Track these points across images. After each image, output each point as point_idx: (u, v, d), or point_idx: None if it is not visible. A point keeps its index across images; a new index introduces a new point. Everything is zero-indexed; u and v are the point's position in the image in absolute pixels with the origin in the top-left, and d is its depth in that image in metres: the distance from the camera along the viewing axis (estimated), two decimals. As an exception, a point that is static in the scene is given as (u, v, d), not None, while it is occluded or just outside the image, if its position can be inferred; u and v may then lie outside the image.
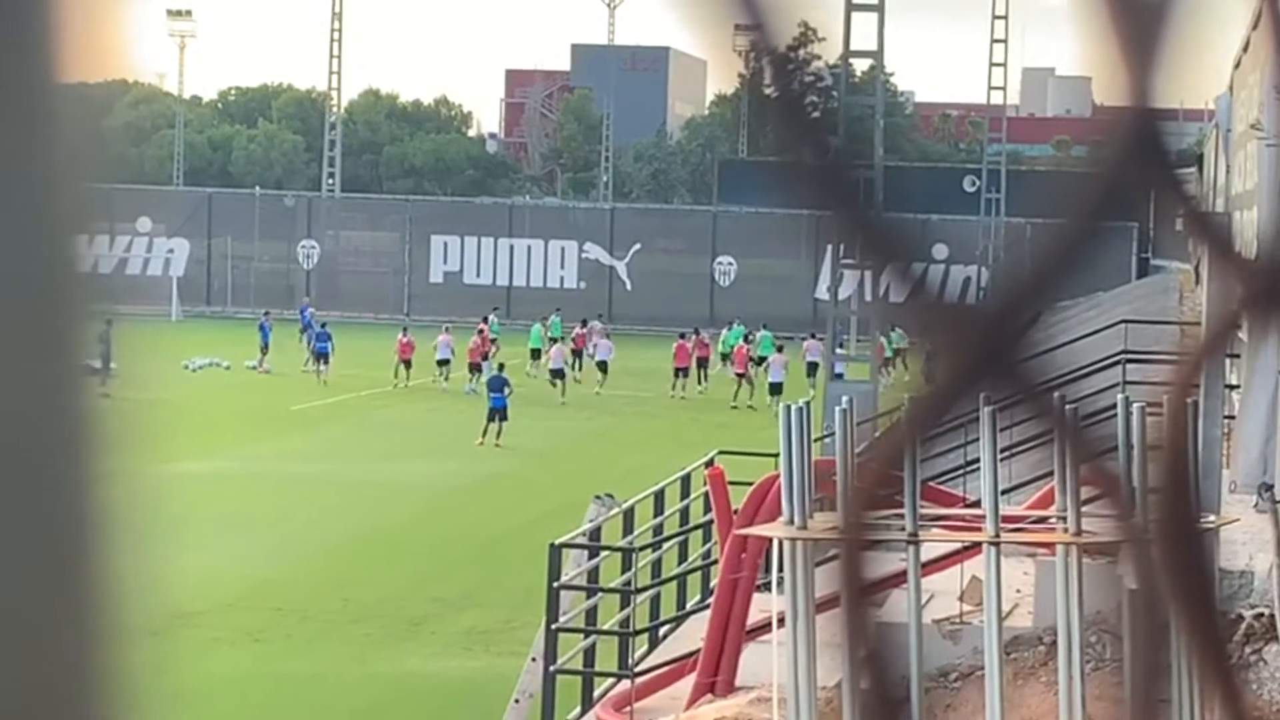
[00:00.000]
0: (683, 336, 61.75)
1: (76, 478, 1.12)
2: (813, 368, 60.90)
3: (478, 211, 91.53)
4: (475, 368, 58.94)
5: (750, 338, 63.81)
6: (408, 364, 58.88)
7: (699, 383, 60.61)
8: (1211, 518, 12.94)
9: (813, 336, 61.81)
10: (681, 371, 60.39)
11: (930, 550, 13.66)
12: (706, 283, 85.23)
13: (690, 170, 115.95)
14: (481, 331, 62.50)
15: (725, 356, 65.52)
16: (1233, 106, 37.75)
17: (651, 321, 68.76)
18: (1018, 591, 15.06)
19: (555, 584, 17.84)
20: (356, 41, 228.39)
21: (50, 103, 1.10)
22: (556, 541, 18.43)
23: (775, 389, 55.36)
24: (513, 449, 46.10)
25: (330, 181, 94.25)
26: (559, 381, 58.26)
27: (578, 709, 17.96)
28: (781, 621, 11.67)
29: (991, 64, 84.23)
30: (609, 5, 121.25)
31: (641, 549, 19.92)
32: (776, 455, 12.56)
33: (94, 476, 1.12)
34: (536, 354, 63.87)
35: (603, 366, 61.51)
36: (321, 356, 60.90)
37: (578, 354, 63.64)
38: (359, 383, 58.06)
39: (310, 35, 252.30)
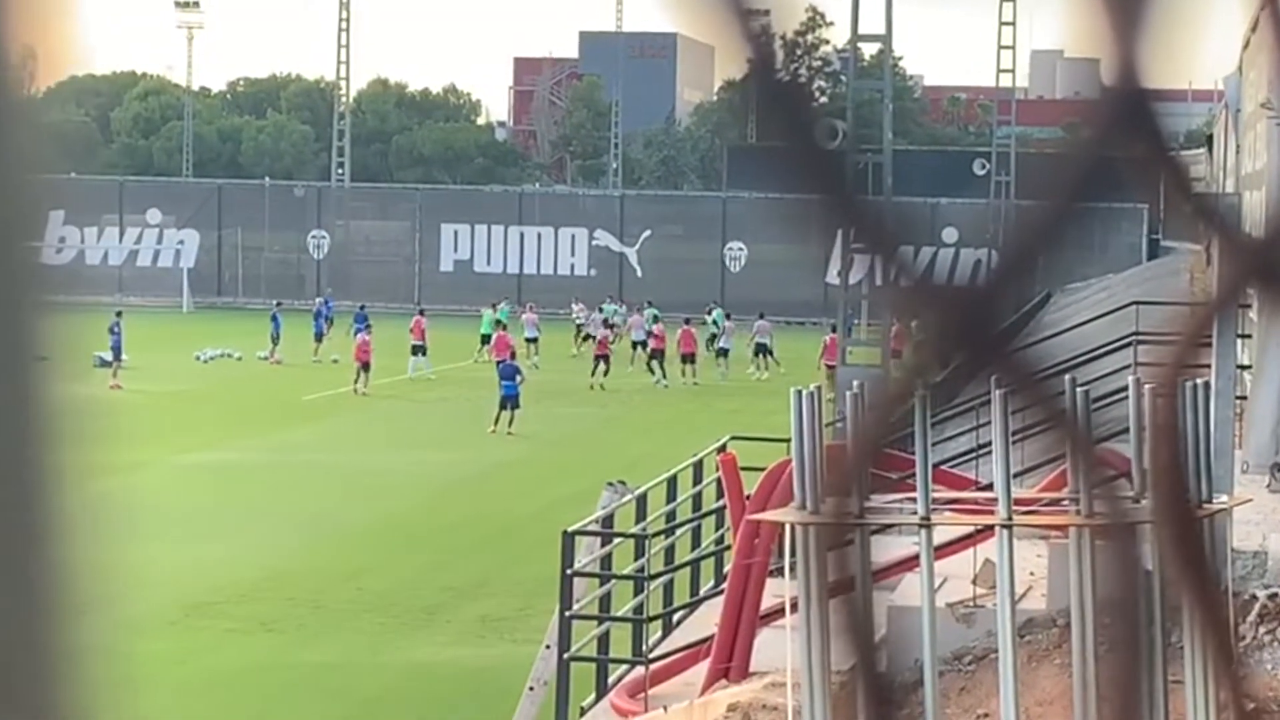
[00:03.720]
0: (688, 322, 61.92)
1: (37, 473, 1.12)
2: (761, 349, 61.91)
3: (487, 200, 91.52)
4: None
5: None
6: (365, 366, 55.32)
7: (648, 370, 60.48)
8: (1224, 498, 12.93)
9: (759, 315, 63.00)
10: (688, 358, 60.39)
11: (943, 534, 13.67)
12: (717, 268, 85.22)
13: (699, 156, 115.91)
14: (611, 326, 62.66)
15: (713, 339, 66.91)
16: (1242, 86, 37.68)
17: (662, 308, 68.75)
18: (1031, 574, 15.04)
19: (568, 571, 17.84)
20: (364, 31, 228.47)
21: (22, 98, 1.10)
22: (569, 529, 18.43)
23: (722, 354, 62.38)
24: (524, 437, 46.11)
25: (340, 171, 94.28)
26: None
27: (592, 696, 17.97)
28: (795, 606, 11.67)
29: (1000, 47, 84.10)
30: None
31: (654, 535, 19.90)
32: (788, 440, 12.55)
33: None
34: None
35: (762, 350, 62.76)
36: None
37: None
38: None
39: (318, 25, 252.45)
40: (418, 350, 59.48)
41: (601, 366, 58.42)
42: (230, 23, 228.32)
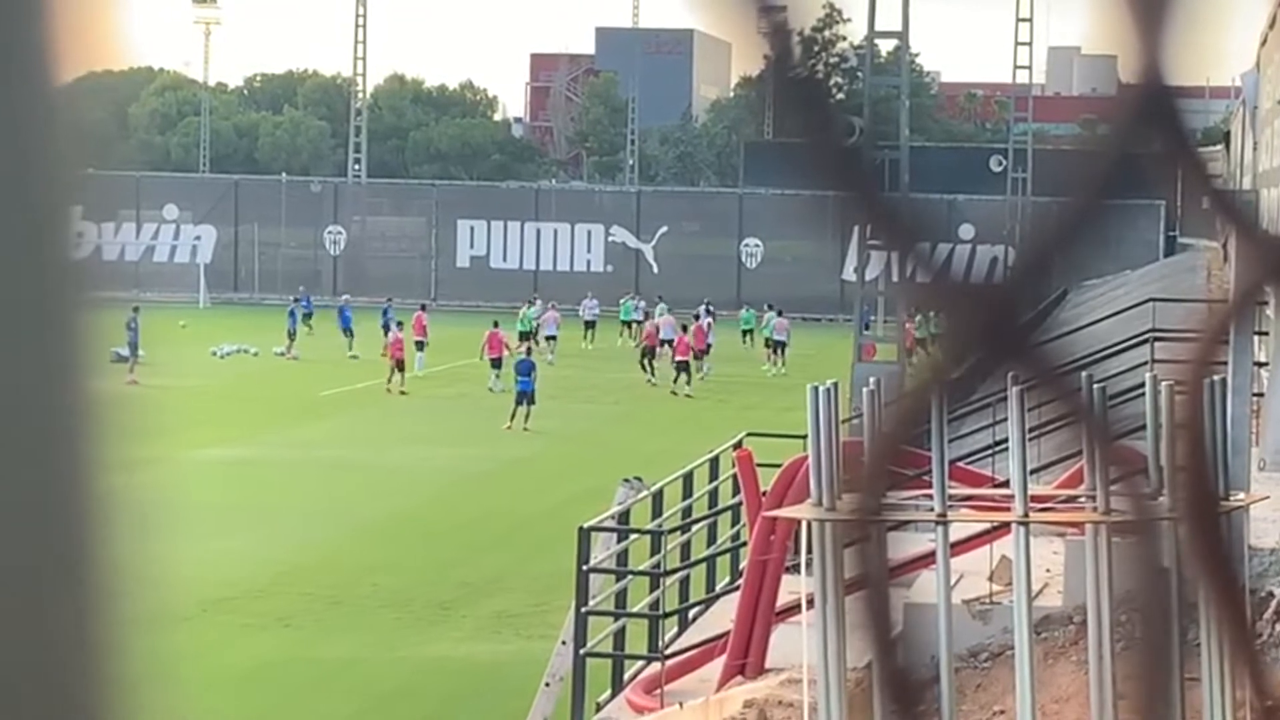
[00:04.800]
0: (696, 319, 61.68)
1: (78, 466, 1.12)
2: (779, 346, 61.72)
3: (504, 196, 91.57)
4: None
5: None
6: (400, 365, 55.07)
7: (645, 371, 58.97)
8: (1241, 495, 12.90)
9: (777, 313, 62.95)
10: (700, 354, 60.18)
11: (959, 530, 13.65)
12: (733, 265, 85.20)
13: (716, 153, 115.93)
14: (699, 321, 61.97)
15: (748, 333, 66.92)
16: (1259, 83, 37.61)
17: (679, 304, 68.78)
18: (1047, 571, 15.03)
19: (584, 567, 17.85)
20: (381, 27, 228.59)
21: (43, 94, 1.10)
22: (585, 525, 18.43)
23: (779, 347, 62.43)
24: (540, 433, 46.12)
25: (356, 167, 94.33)
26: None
27: (608, 692, 17.98)
28: (811, 603, 11.66)
29: (1017, 43, 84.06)
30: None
31: (670, 532, 19.90)
32: (804, 437, 12.54)
33: (97, 464, 1.12)
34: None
35: (779, 347, 62.80)
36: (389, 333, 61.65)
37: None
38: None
39: (335, 21, 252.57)
40: (420, 346, 59.34)
41: (683, 376, 57.36)
42: (247, 18, 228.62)
